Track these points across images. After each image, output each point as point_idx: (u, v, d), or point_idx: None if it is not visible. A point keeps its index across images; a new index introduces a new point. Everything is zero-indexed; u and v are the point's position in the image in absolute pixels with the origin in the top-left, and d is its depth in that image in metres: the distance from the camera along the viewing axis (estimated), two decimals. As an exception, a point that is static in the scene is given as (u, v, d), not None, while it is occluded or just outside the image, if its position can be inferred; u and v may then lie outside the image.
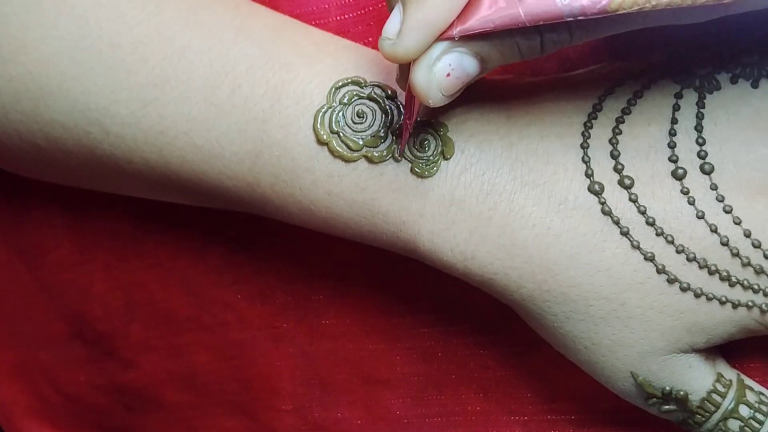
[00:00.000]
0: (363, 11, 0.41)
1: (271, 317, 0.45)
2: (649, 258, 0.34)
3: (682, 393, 0.35)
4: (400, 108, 0.36)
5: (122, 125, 0.38)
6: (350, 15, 0.41)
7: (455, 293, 0.41)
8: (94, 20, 0.38)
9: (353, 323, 0.44)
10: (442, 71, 0.32)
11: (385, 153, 0.36)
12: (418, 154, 0.35)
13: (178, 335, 0.47)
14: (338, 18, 0.41)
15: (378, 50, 0.39)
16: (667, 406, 0.36)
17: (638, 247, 0.34)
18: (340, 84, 0.36)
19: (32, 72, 0.38)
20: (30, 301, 0.51)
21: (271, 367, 0.45)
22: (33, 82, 0.38)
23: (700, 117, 0.35)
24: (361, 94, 0.36)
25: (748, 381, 0.37)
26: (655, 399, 0.36)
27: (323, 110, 0.36)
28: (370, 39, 0.41)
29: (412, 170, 0.35)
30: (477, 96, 0.36)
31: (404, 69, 0.34)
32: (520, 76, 0.38)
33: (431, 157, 0.35)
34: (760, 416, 0.35)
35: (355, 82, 0.36)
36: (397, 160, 0.36)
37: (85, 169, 0.41)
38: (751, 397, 0.36)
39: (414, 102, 0.34)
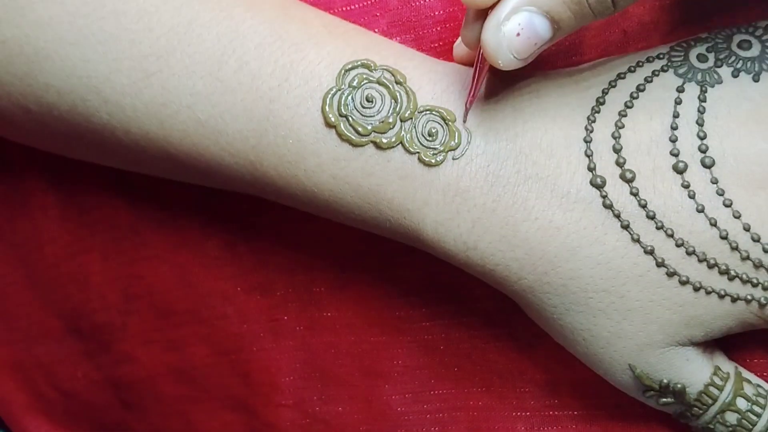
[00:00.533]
0: (369, 1, 0.41)
1: (270, 310, 0.45)
2: (649, 251, 0.34)
3: (679, 386, 0.35)
4: (408, 94, 0.36)
5: (122, 95, 0.37)
6: (356, 6, 0.41)
7: (457, 286, 0.41)
8: None
9: (354, 316, 0.44)
10: (512, 31, 0.32)
11: (393, 140, 0.35)
12: (426, 143, 0.35)
13: (176, 328, 0.47)
14: (344, 9, 0.41)
15: (387, 37, 0.39)
16: (664, 399, 0.36)
17: (638, 241, 0.34)
18: (349, 66, 0.36)
19: (29, 35, 0.38)
20: (25, 296, 0.50)
21: (270, 361, 0.45)
22: (29, 45, 0.38)
23: (701, 111, 0.35)
24: (371, 78, 0.36)
25: (746, 374, 0.37)
26: (652, 391, 0.36)
27: (332, 92, 0.36)
28: (376, 30, 0.41)
29: (419, 159, 0.35)
30: (484, 87, 0.36)
31: (471, 26, 0.34)
32: (527, 69, 0.39)
33: (438, 147, 0.35)
34: (757, 409, 0.36)
35: (364, 65, 0.36)
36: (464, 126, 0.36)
37: (77, 137, 0.40)
38: (748, 389, 0.36)
39: (482, 66, 0.34)
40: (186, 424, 0.48)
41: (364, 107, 0.36)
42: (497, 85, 0.37)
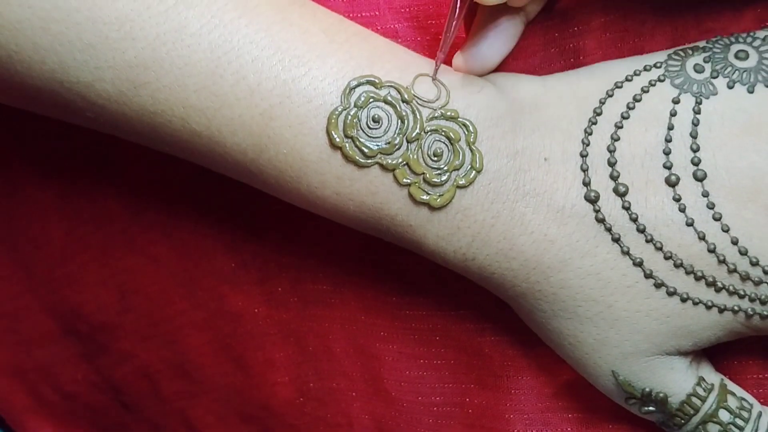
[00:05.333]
0: None
1: (264, 283, 0.45)
2: (638, 263, 0.34)
3: (661, 395, 0.36)
4: (415, 113, 0.35)
5: (108, 101, 0.36)
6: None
7: (456, 279, 0.41)
8: None
9: (349, 291, 0.44)
10: None
11: (400, 161, 0.35)
12: (432, 163, 0.35)
13: (171, 319, 0.47)
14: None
15: (389, 39, 0.38)
16: (646, 407, 0.36)
17: (628, 253, 0.34)
18: (354, 84, 0.35)
19: None
20: (24, 298, 0.50)
21: (265, 337, 0.45)
22: (1, 48, 0.36)
23: (695, 123, 0.35)
24: (377, 96, 0.35)
25: (732, 386, 0.37)
26: (634, 399, 0.36)
27: (337, 112, 0.35)
28: (377, 16, 0.40)
29: (424, 179, 0.35)
30: (485, 99, 0.36)
31: None
32: (526, 75, 0.38)
33: (443, 167, 0.35)
34: (740, 422, 0.36)
35: (370, 82, 0.35)
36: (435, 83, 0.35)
37: (63, 116, 0.39)
38: (732, 402, 0.36)
39: (458, 6, 0.34)
40: (183, 422, 0.48)
41: (370, 128, 0.35)
42: (498, 96, 0.37)
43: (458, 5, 0.35)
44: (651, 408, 0.36)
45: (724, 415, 0.36)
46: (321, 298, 0.44)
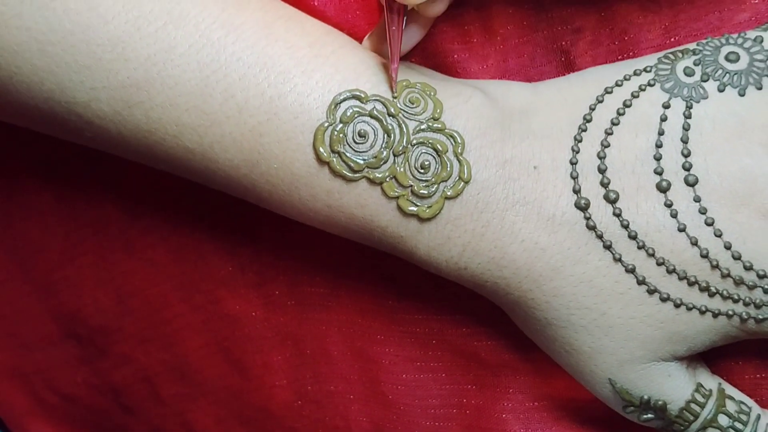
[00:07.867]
0: None
1: (262, 286, 0.45)
2: (630, 270, 0.34)
3: (660, 402, 0.36)
4: (402, 126, 0.35)
5: (104, 120, 0.37)
6: None
7: (452, 283, 0.41)
8: (63, 11, 0.36)
9: (346, 295, 0.44)
10: None
11: (387, 174, 0.35)
12: (419, 175, 0.35)
13: (169, 323, 0.47)
14: None
15: (376, 53, 0.38)
16: (645, 415, 0.36)
17: (620, 260, 0.34)
18: (340, 99, 0.35)
19: None
20: (24, 301, 0.50)
21: (263, 340, 0.45)
22: (2, 69, 0.37)
23: (686, 128, 0.34)
24: (363, 111, 0.35)
25: (730, 390, 0.37)
26: (632, 407, 0.36)
27: (324, 128, 0.35)
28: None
29: (412, 191, 0.35)
30: (473, 109, 0.36)
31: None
32: (516, 83, 0.38)
33: (431, 179, 0.35)
34: (739, 425, 0.36)
35: (355, 97, 0.35)
36: (394, 97, 0.36)
37: (62, 134, 0.40)
38: (731, 406, 0.36)
39: (397, 25, 0.34)
40: (183, 424, 0.48)
41: (356, 142, 0.35)
42: (487, 106, 0.36)
43: (397, 18, 0.35)
44: (650, 416, 0.36)
45: (723, 420, 0.36)
46: (318, 302, 0.44)
